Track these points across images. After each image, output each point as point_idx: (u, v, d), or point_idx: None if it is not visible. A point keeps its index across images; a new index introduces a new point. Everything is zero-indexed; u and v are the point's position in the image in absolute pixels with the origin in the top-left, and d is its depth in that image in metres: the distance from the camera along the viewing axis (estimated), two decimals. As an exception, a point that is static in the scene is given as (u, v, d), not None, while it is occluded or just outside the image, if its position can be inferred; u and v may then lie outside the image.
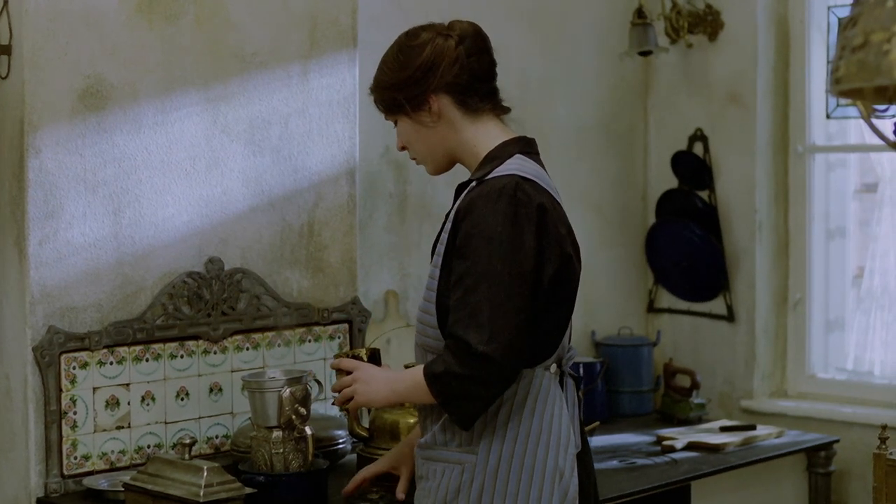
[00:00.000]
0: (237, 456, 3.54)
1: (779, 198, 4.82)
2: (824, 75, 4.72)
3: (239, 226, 3.73)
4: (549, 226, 2.69)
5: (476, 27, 2.88)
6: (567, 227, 2.76)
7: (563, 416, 2.77)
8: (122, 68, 3.48)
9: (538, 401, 2.75)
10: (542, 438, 2.75)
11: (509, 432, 2.75)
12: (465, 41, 2.82)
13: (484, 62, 2.83)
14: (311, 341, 3.88)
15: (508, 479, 2.74)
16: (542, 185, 2.73)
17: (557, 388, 2.78)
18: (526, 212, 2.67)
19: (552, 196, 2.75)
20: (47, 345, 3.36)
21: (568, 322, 2.82)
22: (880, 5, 1.76)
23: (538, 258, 2.67)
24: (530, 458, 2.74)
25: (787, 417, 4.64)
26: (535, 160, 2.80)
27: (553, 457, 2.75)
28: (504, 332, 2.63)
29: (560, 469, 2.75)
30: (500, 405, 2.74)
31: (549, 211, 2.70)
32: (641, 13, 4.76)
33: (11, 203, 3.39)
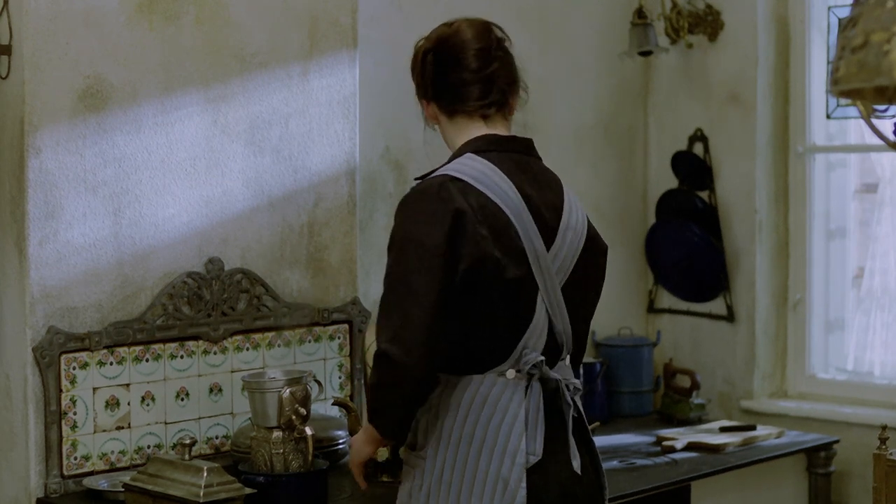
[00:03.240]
0: (237, 456, 3.54)
1: (779, 198, 4.82)
2: (824, 75, 4.72)
3: (239, 226, 3.73)
4: (466, 227, 2.65)
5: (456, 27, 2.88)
6: (496, 228, 2.68)
7: (515, 424, 2.70)
8: (122, 68, 3.48)
9: (485, 406, 2.71)
10: (485, 446, 2.70)
11: (453, 438, 2.73)
12: (437, 46, 2.86)
13: (451, 65, 2.83)
14: (312, 341, 3.88)
15: (450, 487, 2.73)
16: (474, 185, 2.70)
17: (513, 395, 2.71)
18: (442, 212, 2.65)
19: (485, 196, 2.69)
20: (47, 345, 3.36)
21: (514, 325, 2.72)
22: (880, 5, 1.76)
23: (449, 259, 2.64)
24: (472, 466, 2.71)
25: (787, 418, 4.64)
26: (490, 158, 2.76)
27: (497, 465, 2.69)
28: (407, 332, 2.62)
29: (504, 478, 2.68)
30: (446, 410, 2.74)
31: (468, 212, 2.65)
32: (641, 13, 4.76)
33: (11, 203, 3.39)
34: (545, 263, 2.73)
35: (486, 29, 2.87)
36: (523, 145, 2.84)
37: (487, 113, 2.82)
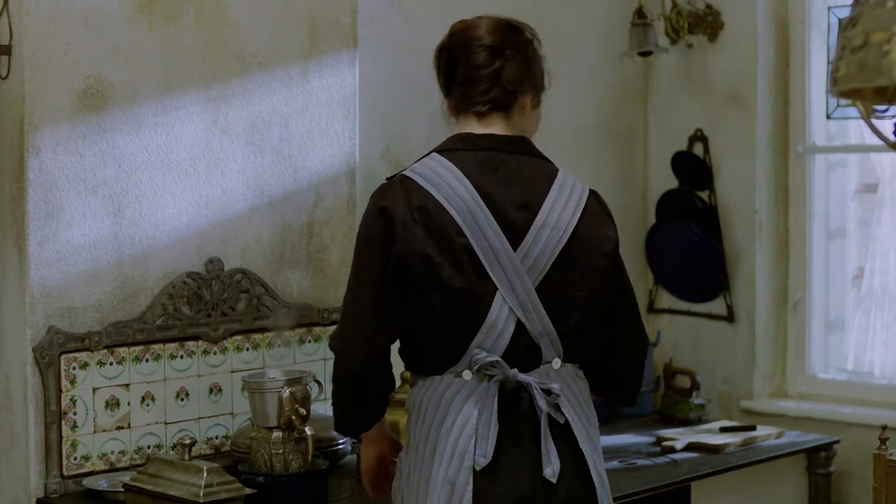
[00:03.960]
0: (237, 456, 3.54)
1: (779, 198, 4.82)
2: (824, 75, 4.72)
3: (239, 226, 3.73)
4: (395, 225, 2.67)
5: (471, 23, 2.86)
6: (433, 227, 2.67)
7: (466, 426, 2.67)
8: (122, 68, 3.48)
9: (439, 407, 2.71)
10: (438, 447, 2.69)
11: (413, 439, 2.76)
12: (450, 42, 2.85)
13: (458, 62, 2.81)
14: (311, 342, 3.88)
15: (412, 489, 2.74)
16: (421, 184, 2.70)
17: (468, 396, 2.69)
18: (375, 212, 2.72)
19: (429, 195, 2.69)
20: (47, 345, 3.36)
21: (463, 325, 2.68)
22: (880, 5, 1.76)
23: (383, 257, 2.69)
24: (427, 468, 2.71)
25: (787, 418, 4.64)
26: (453, 157, 2.75)
27: (446, 468, 2.67)
28: (346, 327, 2.74)
29: (451, 480, 2.66)
30: (411, 410, 2.78)
31: (398, 211, 2.68)
32: (641, 13, 4.76)
33: (11, 203, 3.39)
34: (509, 263, 2.68)
35: (501, 27, 2.84)
36: (502, 143, 2.78)
37: (482, 111, 2.78)
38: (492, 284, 2.67)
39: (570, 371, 2.76)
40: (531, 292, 2.68)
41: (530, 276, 2.69)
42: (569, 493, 2.70)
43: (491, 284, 2.67)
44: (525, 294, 2.68)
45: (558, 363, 2.73)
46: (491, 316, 2.67)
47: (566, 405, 2.71)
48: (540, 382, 2.69)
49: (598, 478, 2.75)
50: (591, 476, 2.73)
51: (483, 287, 2.67)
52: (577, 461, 2.72)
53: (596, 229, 2.80)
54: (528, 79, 2.81)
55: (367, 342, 2.71)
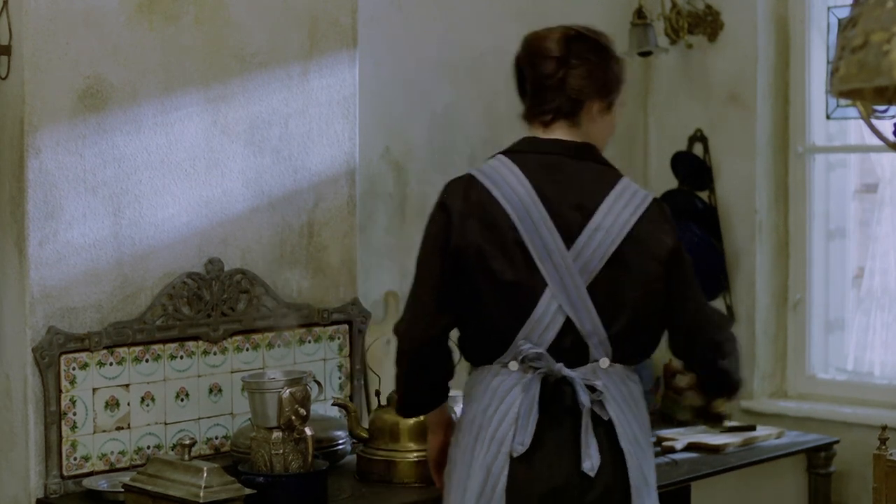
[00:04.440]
0: (237, 457, 3.54)
1: (779, 198, 4.81)
2: (824, 75, 4.71)
3: (239, 226, 3.73)
4: (453, 218, 2.82)
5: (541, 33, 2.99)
6: (488, 221, 2.79)
7: (508, 414, 2.78)
8: (122, 68, 3.48)
9: (485, 395, 2.83)
10: (480, 434, 2.81)
11: (461, 426, 2.90)
12: (521, 52, 2.97)
13: (526, 72, 2.93)
14: (311, 342, 3.88)
15: (455, 473, 2.87)
16: (482, 182, 2.83)
17: (513, 386, 2.79)
18: (438, 206, 2.88)
19: (488, 191, 2.81)
20: (47, 345, 3.36)
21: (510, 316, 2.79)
22: (880, 6, 1.76)
23: (443, 246, 2.83)
24: (469, 452, 2.83)
25: (787, 418, 4.63)
26: (515, 158, 2.86)
27: (485, 452, 2.80)
28: (407, 312, 2.91)
29: (488, 465, 2.78)
30: (464, 399, 2.92)
31: (455, 205, 2.82)
32: (641, 13, 4.76)
33: (11, 203, 3.39)
34: (561, 261, 2.77)
35: (567, 36, 2.95)
36: (565, 147, 2.88)
37: (546, 120, 2.89)
38: (542, 279, 2.78)
39: (619, 371, 2.84)
40: (582, 291, 2.78)
41: (582, 276, 2.78)
42: (605, 489, 2.79)
43: (541, 279, 2.78)
44: (576, 292, 2.78)
45: (606, 362, 2.82)
46: (538, 310, 2.78)
47: (612, 404, 2.81)
48: (584, 379, 2.78)
49: (639, 478, 2.83)
50: (628, 476, 2.81)
51: (532, 281, 2.78)
52: (618, 460, 2.81)
53: (652, 234, 2.86)
54: (593, 86, 2.90)
55: (426, 327, 2.85)
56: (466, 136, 4.52)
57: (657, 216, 2.88)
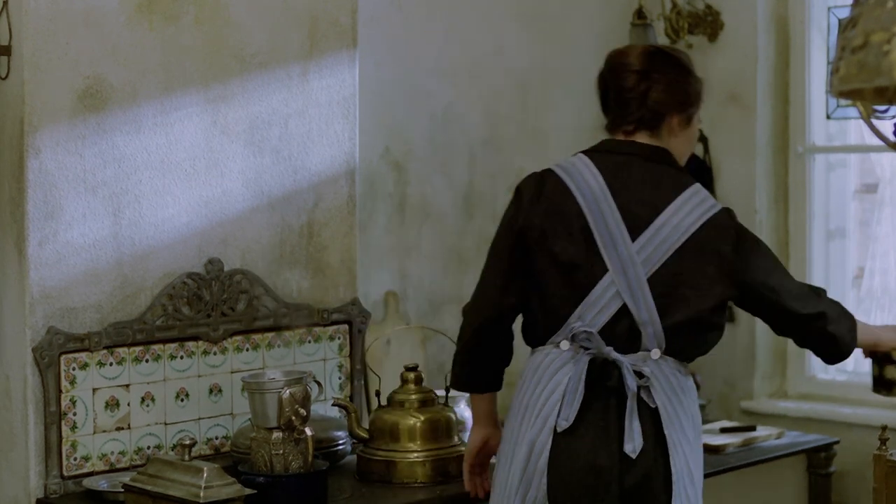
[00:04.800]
0: (237, 457, 3.54)
1: (779, 198, 4.81)
2: (824, 75, 4.71)
3: (239, 226, 3.72)
4: (524, 201, 2.99)
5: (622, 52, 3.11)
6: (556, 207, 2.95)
7: (556, 390, 2.89)
8: (122, 68, 3.48)
9: (535, 374, 2.95)
10: (528, 410, 2.93)
11: (512, 405, 3.00)
12: (604, 68, 3.09)
13: (610, 86, 3.06)
14: (311, 342, 3.88)
15: (503, 451, 2.99)
16: (558, 173, 2.99)
17: (563, 364, 2.91)
18: (513, 196, 3.05)
19: (562, 181, 2.97)
20: (47, 345, 3.36)
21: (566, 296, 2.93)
22: (880, 6, 1.76)
23: (513, 228, 3.00)
24: (516, 429, 2.95)
25: (788, 418, 4.63)
26: (592, 156, 3.04)
27: (529, 427, 2.91)
28: (477, 289, 3.07)
29: (532, 440, 2.90)
30: (518, 380, 3.03)
31: (527, 190, 3.00)
32: (641, 14, 4.76)
33: (11, 203, 3.39)
34: (625, 250, 2.90)
35: (648, 52, 3.08)
36: (641, 149, 3.02)
37: (629, 129, 3.03)
38: (603, 265, 2.91)
39: (670, 364, 2.95)
40: (642, 281, 2.90)
41: (644, 267, 2.91)
42: (645, 474, 2.89)
43: (602, 265, 2.91)
44: (636, 281, 2.90)
45: (657, 353, 2.93)
46: (595, 292, 2.91)
47: (659, 392, 2.91)
48: (633, 365, 2.89)
49: (683, 469, 2.94)
50: (670, 463, 2.90)
51: (593, 265, 2.92)
52: (661, 448, 2.90)
53: (713, 239, 2.97)
54: (673, 99, 3.05)
55: (492, 303, 3.02)
56: (466, 136, 4.52)
57: (724, 223, 3.01)
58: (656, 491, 2.90)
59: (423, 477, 3.49)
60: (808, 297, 3.08)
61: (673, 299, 2.92)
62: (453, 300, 4.45)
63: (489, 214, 4.54)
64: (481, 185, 4.56)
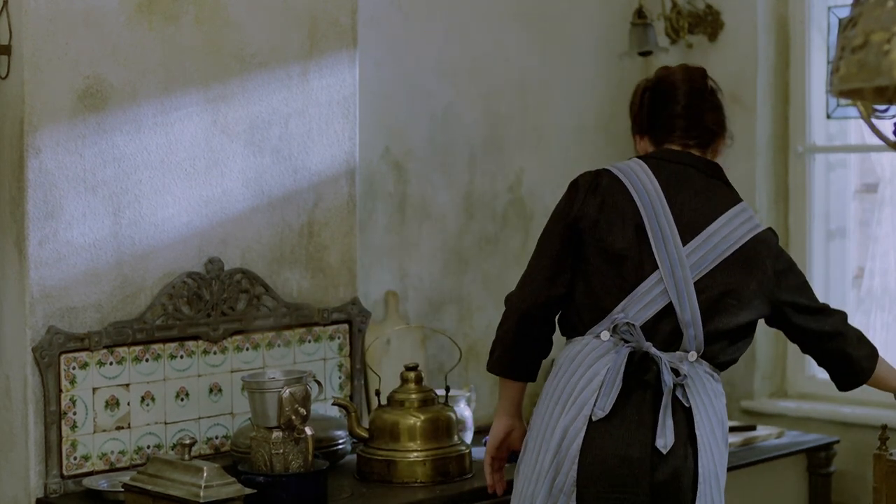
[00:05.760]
0: (237, 456, 3.54)
1: (779, 198, 4.81)
2: (824, 75, 4.72)
3: (239, 226, 3.73)
4: (579, 193, 3.03)
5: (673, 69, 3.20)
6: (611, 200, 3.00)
7: (593, 380, 2.91)
8: (122, 68, 3.48)
9: (573, 363, 2.96)
10: (562, 397, 2.95)
11: (546, 392, 3.02)
12: (655, 85, 3.16)
13: (664, 101, 3.13)
14: (311, 342, 3.88)
15: (533, 436, 3.00)
16: (615, 173, 3.04)
17: (602, 355, 2.93)
18: (569, 188, 3.08)
19: (618, 179, 3.02)
20: (47, 345, 3.36)
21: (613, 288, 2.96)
22: (880, 5, 1.76)
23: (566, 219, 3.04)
24: (548, 415, 2.97)
25: (788, 418, 4.64)
26: (649, 163, 3.06)
27: (563, 414, 2.93)
28: (527, 277, 3.07)
29: (565, 427, 2.91)
30: (554, 368, 3.04)
31: (584, 184, 3.04)
32: (641, 13, 4.76)
33: (11, 203, 3.39)
34: (675, 251, 2.94)
35: (701, 75, 3.18)
36: (694, 161, 3.09)
37: (689, 144, 3.10)
38: (653, 262, 2.96)
39: (705, 368, 2.99)
40: (689, 283, 2.94)
41: (693, 270, 2.95)
42: (674, 471, 2.90)
43: (652, 261, 2.96)
44: (684, 283, 2.94)
45: (694, 356, 2.96)
46: (643, 287, 2.94)
47: (694, 394, 2.94)
48: (671, 362, 2.91)
49: (710, 471, 2.94)
50: (698, 463, 2.92)
51: (643, 260, 2.96)
52: (691, 447, 2.92)
53: (759, 255, 3.04)
54: (723, 123, 3.17)
55: (538, 290, 3.04)
56: (466, 136, 4.52)
57: (768, 240, 3.07)
58: (685, 489, 2.92)
59: (423, 477, 3.49)
60: (828, 315, 3.15)
61: (717, 306, 2.97)
62: (453, 300, 4.45)
63: (489, 214, 4.54)
64: (481, 185, 4.56)
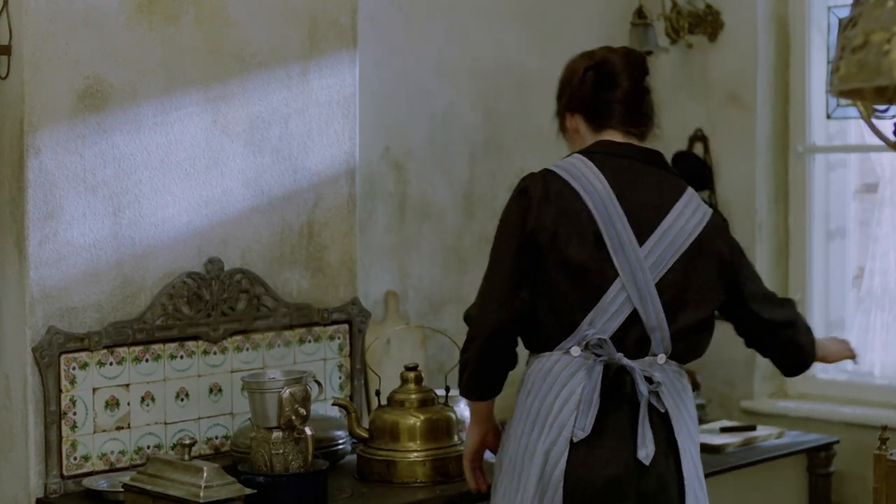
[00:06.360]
0: (237, 456, 3.54)
1: (779, 198, 4.81)
2: (824, 75, 4.72)
3: (239, 226, 3.73)
4: (532, 204, 2.91)
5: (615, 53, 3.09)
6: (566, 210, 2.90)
7: (570, 399, 2.86)
8: (122, 68, 3.48)
9: (546, 381, 2.90)
10: (539, 418, 2.89)
11: (518, 411, 2.95)
12: (598, 65, 3.05)
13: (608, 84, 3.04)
14: (311, 342, 3.88)
15: (508, 456, 2.94)
16: (561, 175, 2.94)
17: (575, 372, 2.87)
18: (518, 195, 2.96)
19: (567, 184, 2.92)
20: (47, 345, 3.36)
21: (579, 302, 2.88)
22: (880, 5, 1.76)
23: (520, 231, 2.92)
24: (526, 437, 2.90)
25: (788, 418, 4.64)
26: (593, 159, 2.98)
27: (544, 437, 2.87)
28: (485, 294, 2.96)
29: (547, 450, 2.85)
30: (521, 385, 2.98)
31: (537, 193, 2.91)
32: (641, 13, 4.76)
33: (11, 203, 3.39)
34: (633, 255, 2.88)
35: (643, 60, 3.12)
36: (638, 153, 3.04)
37: (630, 131, 3.04)
38: (614, 270, 2.88)
39: (674, 368, 2.96)
40: (651, 286, 2.89)
41: (652, 272, 2.89)
42: (659, 479, 2.88)
43: (613, 269, 2.88)
44: (645, 286, 2.88)
45: (663, 358, 2.93)
46: (607, 297, 2.87)
47: (667, 398, 2.91)
48: (643, 370, 2.88)
49: (693, 473, 2.93)
50: (681, 467, 2.90)
51: (604, 269, 2.89)
52: (671, 451, 2.90)
53: (713, 243, 3.00)
54: (654, 109, 3.15)
55: (500, 309, 2.92)
56: (466, 136, 4.52)
57: (719, 226, 3.04)
58: (671, 494, 2.90)
59: (423, 477, 3.49)
60: (780, 304, 3.14)
61: (680, 303, 2.93)
62: (453, 300, 4.45)
63: (489, 214, 4.54)
64: (481, 185, 4.56)
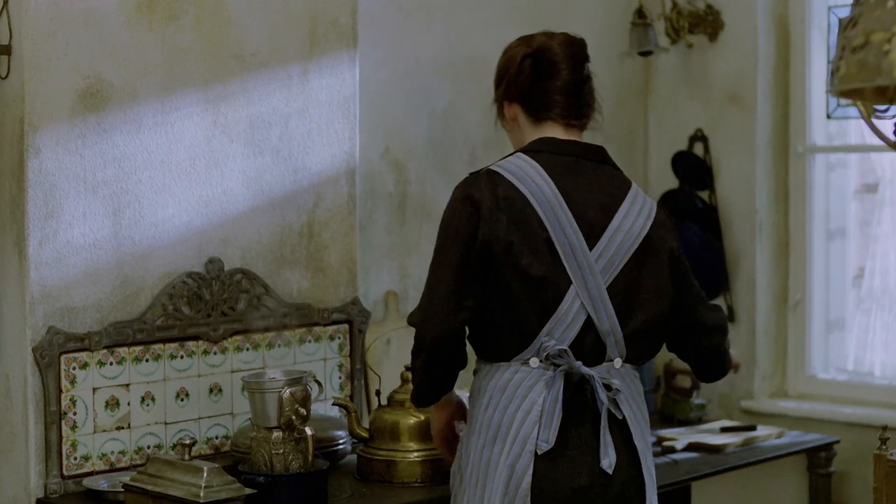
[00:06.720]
0: (237, 456, 3.54)
1: (779, 198, 4.82)
2: (824, 75, 4.72)
3: (239, 226, 3.73)
4: (482, 212, 2.82)
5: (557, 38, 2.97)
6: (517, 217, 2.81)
7: (531, 412, 2.81)
8: (122, 68, 3.48)
9: (505, 393, 2.85)
10: (500, 431, 2.84)
11: (476, 424, 2.89)
12: (536, 53, 2.95)
13: (547, 73, 2.94)
14: (312, 342, 3.88)
15: (472, 470, 2.88)
16: (507, 178, 2.84)
17: (534, 383, 2.82)
18: (462, 199, 2.86)
19: (515, 188, 2.83)
20: (47, 345, 3.36)
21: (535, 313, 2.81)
22: (880, 6, 1.76)
23: (467, 240, 2.82)
24: (488, 451, 2.85)
25: (788, 418, 4.64)
26: (538, 158, 2.89)
27: (508, 451, 2.82)
28: (428, 303, 2.86)
29: (511, 464, 2.80)
30: (476, 396, 2.91)
31: (486, 199, 2.82)
32: (641, 13, 4.76)
33: (11, 203, 3.39)
34: (584, 260, 2.82)
35: (582, 47, 2.99)
36: (583, 150, 2.94)
37: (572, 123, 2.95)
38: (567, 277, 2.82)
39: (629, 371, 2.91)
40: (602, 290, 2.83)
41: (603, 276, 2.83)
42: (622, 486, 2.85)
43: (566, 277, 2.82)
44: (597, 291, 2.83)
45: (619, 362, 2.88)
46: (563, 306, 2.81)
47: (625, 403, 2.87)
48: (601, 377, 2.83)
49: (648, 474, 2.91)
50: (642, 472, 2.88)
51: (558, 278, 2.82)
52: (631, 456, 2.87)
53: (662, 239, 2.94)
54: (594, 97, 3.03)
55: (445, 319, 2.83)
56: (466, 136, 4.52)
57: (664, 220, 2.97)
58: (633, 500, 2.88)
59: (423, 477, 3.49)
60: (713, 308, 3.08)
61: (633, 305, 2.87)
62: (453, 300, 4.45)
63: (489, 214, 4.53)
64: (481, 184, 4.56)
